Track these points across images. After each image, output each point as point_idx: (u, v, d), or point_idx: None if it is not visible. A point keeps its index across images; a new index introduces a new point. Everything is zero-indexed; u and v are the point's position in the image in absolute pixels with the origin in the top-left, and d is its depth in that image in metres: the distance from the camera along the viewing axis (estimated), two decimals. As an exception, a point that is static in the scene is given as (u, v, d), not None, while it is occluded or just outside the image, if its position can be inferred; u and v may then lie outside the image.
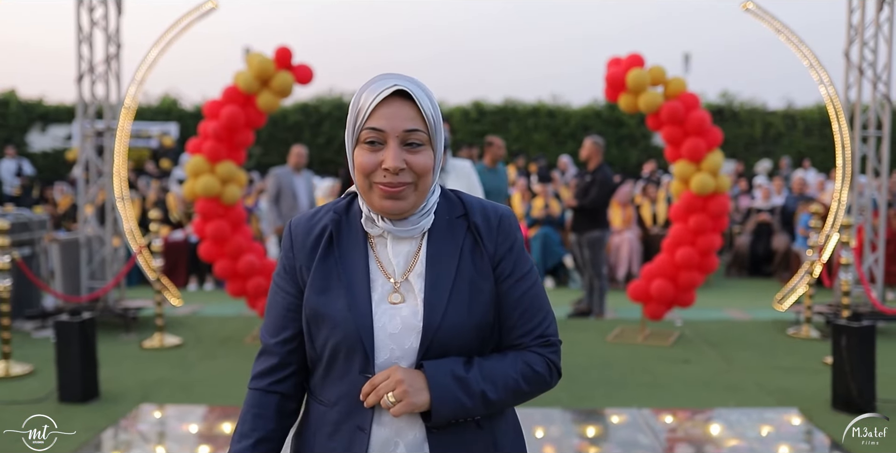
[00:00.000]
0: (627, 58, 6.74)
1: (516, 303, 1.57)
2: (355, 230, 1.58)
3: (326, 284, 1.54)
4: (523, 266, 1.60)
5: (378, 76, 1.53)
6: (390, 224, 1.53)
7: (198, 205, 6.72)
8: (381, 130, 1.47)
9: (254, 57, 6.54)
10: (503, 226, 1.59)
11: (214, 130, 6.57)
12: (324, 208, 1.64)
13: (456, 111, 17.97)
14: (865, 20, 7.02)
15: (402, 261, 1.56)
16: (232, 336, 7.05)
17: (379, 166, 1.48)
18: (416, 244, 1.57)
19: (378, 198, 1.50)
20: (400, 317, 1.51)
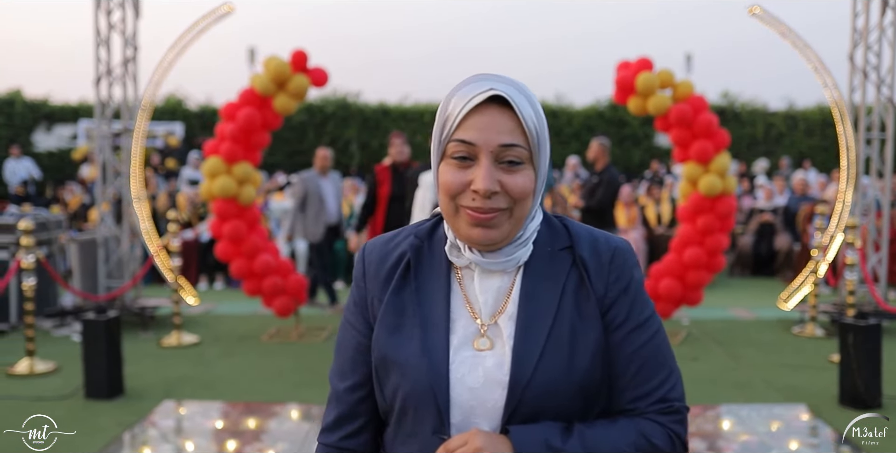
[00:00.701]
0: (636, 61, 6.86)
1: (631, 357, 1.28)
2: (438, 259, 1.34)
3: (398, 322, 1.31)
4: (640, 312, 1.31)
5: (472, 77, 1.27)
6: (479, 255, 1.28)
7: (214, 206, 6.83)
8: (472, 144, 1.22)
9: (270, 60, 6.67)
10: (616, 261, 1.31)
11: (231, 132, 6.69)
12: (404, 232, 1.41)
13: (459, 111, 18.10)
14: (870, 24, 7.15)
15: (490, 299, 1.29)
16: (248, 334, 7.18)
17: (467, 187, 1.22)
18: (508, 279, 1.30)
19: (465, 225, 1.24)
20: (483, 368, 1.25)
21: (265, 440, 4.52)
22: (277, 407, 5.10)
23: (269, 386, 5.57)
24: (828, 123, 17.68)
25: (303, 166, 16.96)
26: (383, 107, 18.02)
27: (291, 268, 7.14)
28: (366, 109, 17.93)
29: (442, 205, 1.28)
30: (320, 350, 6.61)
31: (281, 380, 5.70)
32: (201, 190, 6.95)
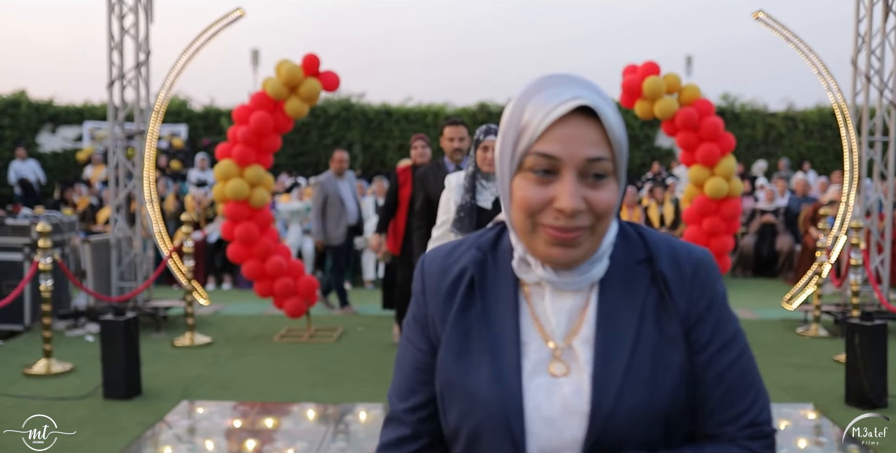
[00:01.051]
0: (643, 65, 6.96)
1: (718, 379, 1.19)
2: (504, 275, 1.24)
3: (464, 345, 1.21)
4: (726, 329, 1.21)
5: (545, 80, 1.16)
6: (552, 272, 1.18)
7: (227, 208, 6.92)
8: (555, 158, 1.11)
9: (282, 64, 6.76)
10: (700, 275, 1.21)
11: (243, 135, 6.77)
12: (465, 243, 1.31)
13: (462, 113, 18.17)
14: (872, 29, 7.26)
15: (564, 320, 1.19)
16: (260, 334, 7.26)
17: (549, 204, 1.12)
18: (582, 298, 1.20)
19: (544, 245, 1.14)
20: (560, 396, 1.16)
21: (284, 439, 4.60)
22: (294, 407, 5.19)
23: (284, 386, 5.66)
24: (827, 125, 17.79)
25: (306, 167, 17.07)
26: (386, 108, 18.09)
27: (302, 269, 7.23)
28: (369, 111, 18.00)
29: (516, 221, 1.17)
30: (332, 350, 6.70)
31: (295, 381, 5.78)
32: (214, 192, 7.04)
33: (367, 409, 5.14)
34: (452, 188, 4.15)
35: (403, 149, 18.23)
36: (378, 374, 5.95)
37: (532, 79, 1.18)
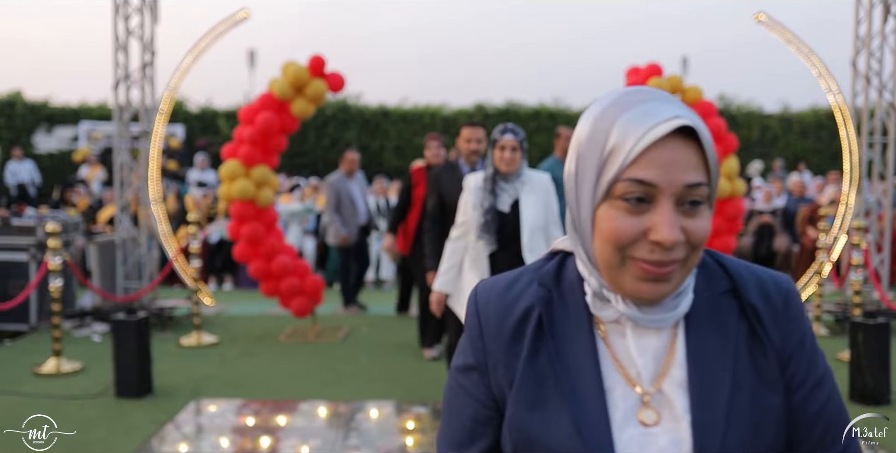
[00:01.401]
0: (646, 67, 7.04)
1: (815, 419, 1.10)
2: (575, 312, 1.10)
3: (540, 395, 1.07)
4: (819, 365, 1.13)
5: (629, 95, 1.05)
6: (635, 308, 1.05)
7: (233, 208, 6.96)
8: (653, 185, 0.99)
9: (289, 65, 6.80)
10: (792, 307, 1.12)
11: (250, 135, 6.81)
12: (523, 276, 1.16)
13: (459, 113, 18.24)
14: (872, 31, 7.35)
15: (650, 362, 1.07)
16: (265, 334, 7.30)
17: (643, 236, 1.00)
18: (667, 336, 1.08)
19: (633, 280, 1.02)
20: (656, 448, 1.04)
21: (298, 437, 4.64)
22: (305, 405, 5.23)
23: (294, 384, 5.70)
24: (822, 125, 17.93)
25: (303, 168, 17.08)
26: (383, 108, 18.14)
27: (308, 269, 7.27)
28: (366, 111, 18.05)
29: (602, 254, 1.04)
30: (339, 350, 6.75)
31: (305, 379, 5.83)
32: (219, 192, 7.07)
33: (379, 408, 5.18)
34: (471, 190, 4.06)
35: (400, 149, 18.29)
36: (387, 373, 6.00)
37: (609, 95, 1.06)
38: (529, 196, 4.02)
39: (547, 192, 4.09)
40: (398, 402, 5.28)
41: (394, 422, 4.94)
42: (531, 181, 4.07)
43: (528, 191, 4.03)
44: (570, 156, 1.07)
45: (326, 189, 8.48)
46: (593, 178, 1.03)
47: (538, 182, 4.09)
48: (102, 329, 7.21)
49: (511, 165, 3.96)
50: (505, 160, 3.95)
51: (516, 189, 4.02)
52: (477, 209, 3.96)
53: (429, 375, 5.94)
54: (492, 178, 3.99)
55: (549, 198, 4.09)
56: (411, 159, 18.29)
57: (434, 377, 5.88)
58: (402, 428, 4.83)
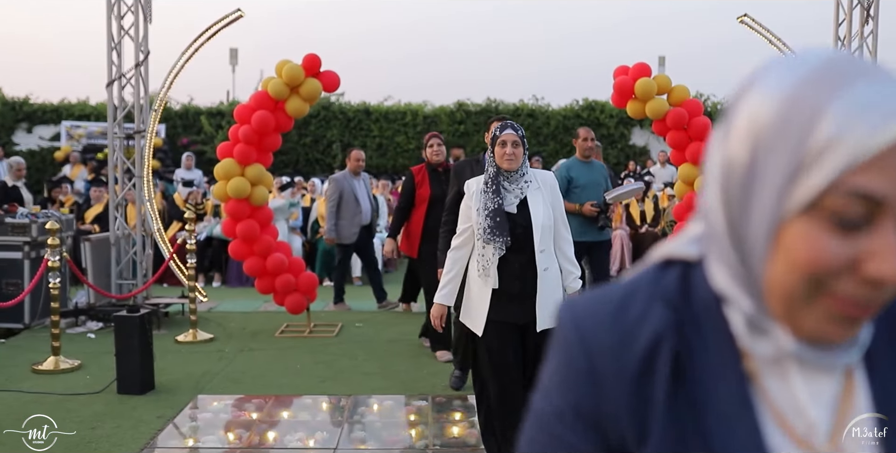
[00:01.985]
0: (634, 66, 7.18)
1: None
2: (715, 341, 0.81)
3: None
4: None
5: (837, 60, 0.72)
6: (806, 346, 0.77)
7: (228, 206, 7.02)
8: (883, 201, 0.69)
9: (283, 64, 6.87)
10: None
11: (245, 134, 6.87)
12: (636, 293, 0.84)
13: (440, 111, 18.36)
14: (851, 33, 7.56)
15: (823, 411, 0.80)
16: (260, 330, 7.38)
17: (853, 266, 0.71)
18: (841, 378, 0.81)
19: (822, 318, 0.75)
20: None
21: (303, 430, 4.74)
22: (307, 400, 5.32)
23: (294, 380, 5.79)
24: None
25: (285, 167, 17.11)
26: (365, 107, 18.22)
27: (303, 266, 7.36)
28: (348, 110, 18.11)
29: (786, 283, 0.74)
30: (334, 345, 6.84)
31: (304, 374, 5.92)
32: (214, 190, 7.13)
33: (379, 401, 5.29)
34: (472, 194, 3.77)
35: (382, 147, 18.37)
36: (383, 368, 6.10)
37: (805, 60, 0.74)
38: (536, 194, 3.74)
39: (553, 189, 3.81)
40: (398, 396, 5.39)
41: (396, 416, 5.05)
42: (535, 178, 3.79)
43: (534, 188, 3.74)
44: (739, 142, 0.75)
45: (330, 186, 8.44)
46: (782, 181, 0.72)
47: (542, 179, 3.82)
48: (97, 326, 7.25)
49: (514, 162, 3.68)
50: (507, 156, 3.66)
51: (521, 188, 3.72)
52: (482, 213, 3.65)
53: (424, 370, 6.05)
54: (494, 178, 3.71)
55: (555, 196, 3.82)
56: (393, 157, 18.40)
57: (430, 371, 6.00)
58: (405, 422, 4.94)
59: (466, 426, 4.82)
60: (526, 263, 3.64)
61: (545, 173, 3.93)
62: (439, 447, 4.50)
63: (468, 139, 18.20)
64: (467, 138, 18.21)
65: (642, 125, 17.54)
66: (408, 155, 18.34)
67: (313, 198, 12.00)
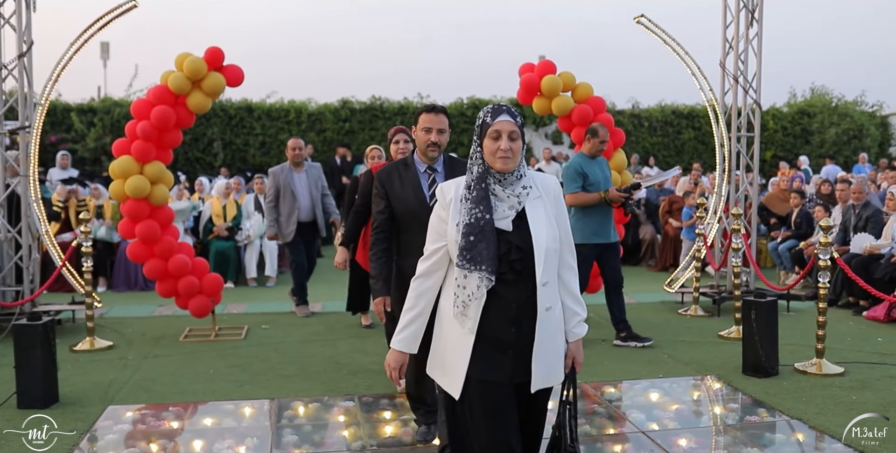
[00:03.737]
0: (539, 64, 7.31)
1: None
2: None
3: None
4: None
5: None
6: None
7: (125, 206, 6.66)
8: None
9: (184, 57, 6.57)
10: None
11: (143, 130, 6.54)
12: None
13: (324, 109, 18.08)
14: (738, 34, 7.96)
15: None
16: (162, 335, 7.04)
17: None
18: None
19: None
20: None
21: (232, 437, 4.54)
22: (228, 405, 5.11)
23: (209, 385, 5.55)
24: (668, 122, 19.08)
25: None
26: (247, 104, 17.70)
27: (206, 267, 7.07)
28: (229, 107, 17.54)
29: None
30: (245, 348, 6.61)
31: (219, 379, 5.68)
32: (111, 189, 6.74)
33: (305, 404, 5.14)
34: (449, 202, 2.76)
35: (266, 146, 17.92)
36: (302, 370, 5.94)
37: None
38: (537, 204, 2.74)
39: (557, 199, 2.81)
40: (322, 398, 5.26)
41: (325, 418, 4.91)
42: (535, 184, 2.78)
43: (534, 197, 2.74)
44: None
45: (269, 179, 7.93)
46: None
47: (544, 184, 2.80)
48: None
49: (510, 160, 2.66)
50: (501, 153, 2.64)
51: (518, 195, 2.69)
52: (461, 229, 2.66)
53: (344, 370, 5.94)
54: (480, 181, 2.70)
55: (560, 208, 2.82)
56: (277, 156, 17.96)
57: (350, 371, 5.89)
58: (335, 423, 4.82)
59: (399, 424, 4.76)
60: (523, 301, 2.67)
61: (546, 177, 2.85)
62: (377, 447, 4.42)
63: (353, 137, 18.02)
64: (353, 136, 18.02)
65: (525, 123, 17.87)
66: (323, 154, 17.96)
67: (202, 197, 11.57)
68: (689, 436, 4.52)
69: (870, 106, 20.46)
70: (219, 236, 10.22)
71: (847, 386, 5.37)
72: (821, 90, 20.67)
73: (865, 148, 18.96)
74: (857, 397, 5.14)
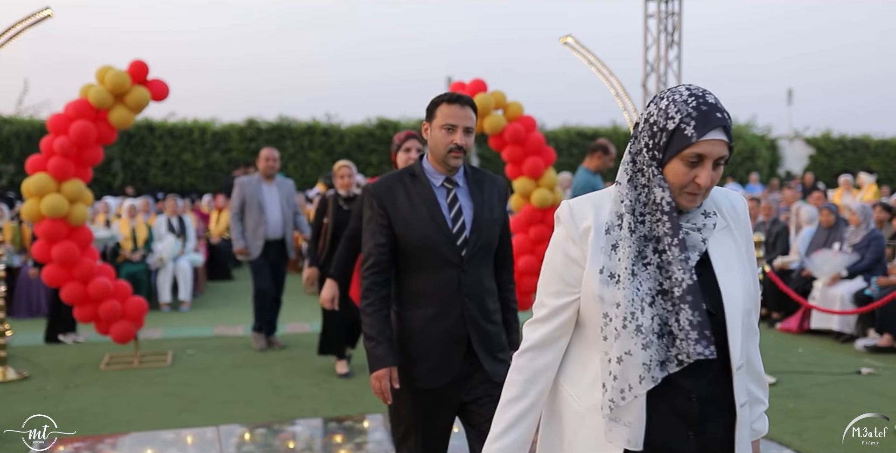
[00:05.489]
0: (471, 82, 7.33)
1: None
2: None
3: None
4: None
5: None
6: None
7: (41, 227, 6.27)
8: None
9: (106, 70, 6.28)
10: None
11: (62, 146, 6.18)
12: None
13: (230, 128, 17.68)
14: (659, 57, 8.23)
15: None
16: (81, 364, 6.62)
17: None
18: None
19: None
20: None
21: (178, 467, 4.30)
22: (169, 434, 4.83)
23: (144, 414, 5.24)
24: (573, 144, 19.56)
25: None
26: (148, 122, 17.12)
27: (129, 290, 6.72)
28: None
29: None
30: (174, 375, 6.29)
31: (154, 408, 5.38)
32: (25, 209, 6.33)
33: (250, 430, 4.93)
34: (583, 233, 1.76)
35: (168, 166, 17.36)
36: (240, 396, 5.70)
37: None
38: (725, 241, 1.78)
39: (747, 230, 1.83)
40: (268, 423, 5.05)
41: (274, 444, 4.72)
42: (719, 207, 1.81)
43: (720, 227, 1.78)
44: None
45: (234, 190, 7.25)
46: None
47: (731, 207, 1.82)
48: None
49: (700, 199, 1.71)
50: (696, 188, 1.67)
51: (701, 229, 1.72)
52: (631, 281, 1.65)
53: (284, 394, 5.73)
54: (667, 209, 1.67)
55: (750, 242, 1.84)
56: (180, 176, 17.43)
57: (290, 395, 5.70)
58: (286, 449, 4.63)
59: (353, 447, 4.61)
60: (709, 393, 1.70)
61: (731, 195, 1.86)
62: (335, 472, 4.26)
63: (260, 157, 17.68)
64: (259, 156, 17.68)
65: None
66: (196, 173, 17.46)
67: (108, 218, 11.05)
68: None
69: (760, 128, 21.58)
70: (129, 259, 9.75)
71: (782, 395, 5.55)
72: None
73: (757, 168, 19.93)
74: (793, 405, 5.32)
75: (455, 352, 2.72)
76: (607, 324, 1.67)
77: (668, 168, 1.66)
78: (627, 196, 1.70)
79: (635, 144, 1.72)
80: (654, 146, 1.67)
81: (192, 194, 15.24)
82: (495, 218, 2.84)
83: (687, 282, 1.63)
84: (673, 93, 1.68)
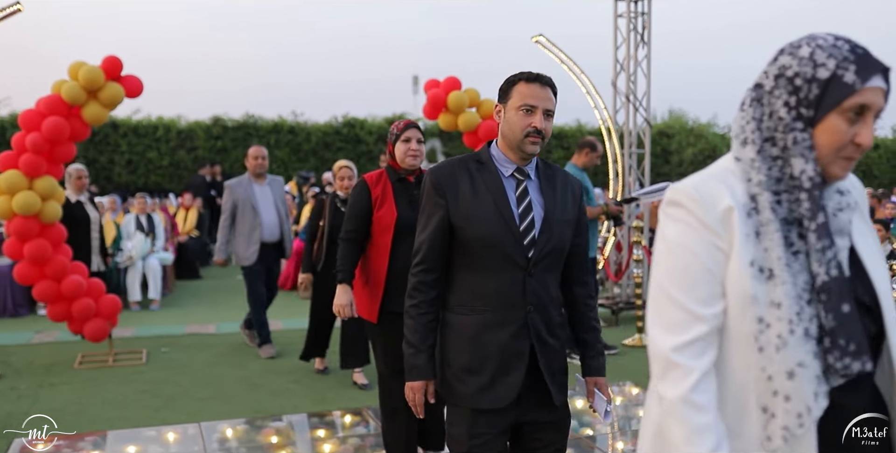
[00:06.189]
0: (445, 80, 7.38)
1: None
2: None
3: None
4: None
5: None
6: None
7: (12, 224, 6.19)
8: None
9: (79, 66, 6.21)
10: None
11: (34, 143, 6.11)
12: None
13: (196, 126, 17.52)
14: (629, 56, 8.34)
15: None
16: (54, 363, 6.54)
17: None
18: None
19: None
20: None
21: (162, 464, 4.29)
22: (150, 432, 4.81)
23: (122, 412, 5.21)
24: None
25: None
26: (112, 120, 16.88)
27: (103, 288, 6.65)
28: (92, 123, 16.71)
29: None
30: (150, 373, 6.25)
31: (132, 406, 5.35)
32: (-6, 207, 6.23)
33: (232, 426, 4.92)
34: (721, 218, 1.42)
35: (132, 164, 17.16)
36: (218, 393, 5.69)
37: None
38: (861, 226, 1.55)
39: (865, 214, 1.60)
40: (249, 420, 5.05)
41: (257, 440, 4.72)
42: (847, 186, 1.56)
43: (857, 216, 1.56)
44: None
45: (225, 193, 6.84)
46: None
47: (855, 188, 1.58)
48: None
49: None
50: (856, 150, 1.41)
51: (842, 210, 1.48)
52: (789, 282, 1.37)
53: (262, 390, 5.73)
54: (807, 185, 1.42)
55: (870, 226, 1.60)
56: (145, 175, 17.22)
57: (269, 391, 5.70)
58: (269, 444, 4.64)
59: (337, 442, 4.64)
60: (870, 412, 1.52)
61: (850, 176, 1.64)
62: (320, 466, 4.29)
63: (226, 155, 17.55)
64: (225, 154, 17.55)
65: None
66: (161, 172, 17.28)
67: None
68: (625, 439, 4.66)
69: (721, 128, 21.93)
70: (97, 257, 9.62)
71: None
72: (678, 113, 21.97)
73: (719, 167, 20.24)
74: None
75: (515, 369, 2.39)
76: (763, 332, 1.34)
77: (820, 128, 1.37)
78: (760, 171, 1.41)
79: (760, 108, 1.44)
80: (801, 102, 1.37)
81: (158, 193, 15.07)
82: (567, 219, 2.49)
83: (842, 273, 1.35)
84: (813, 39, 1.39)
